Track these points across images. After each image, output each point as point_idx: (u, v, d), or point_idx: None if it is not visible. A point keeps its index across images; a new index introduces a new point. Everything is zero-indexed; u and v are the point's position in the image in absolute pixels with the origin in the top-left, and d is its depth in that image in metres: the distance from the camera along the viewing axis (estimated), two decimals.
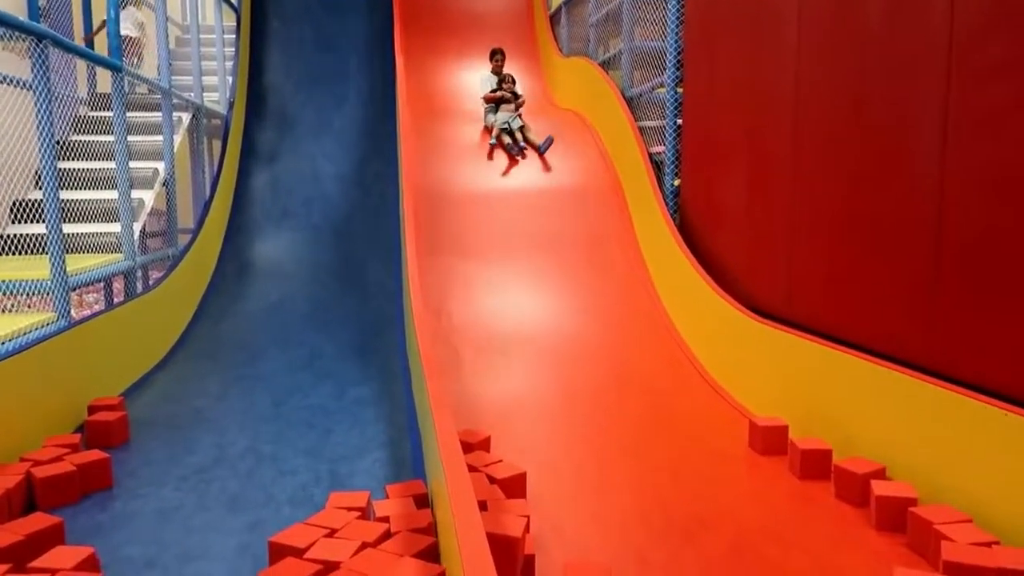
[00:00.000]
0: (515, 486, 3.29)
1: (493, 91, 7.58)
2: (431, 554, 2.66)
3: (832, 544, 2.99)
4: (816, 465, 3.58)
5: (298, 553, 2.64)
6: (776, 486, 3.56)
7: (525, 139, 7.15)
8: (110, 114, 5.82)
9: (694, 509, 3.29)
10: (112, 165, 5.72)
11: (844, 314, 4.17)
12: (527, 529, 2.77)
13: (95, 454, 3.54)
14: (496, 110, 7.44)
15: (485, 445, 3.71)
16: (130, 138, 5.79)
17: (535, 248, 6.29)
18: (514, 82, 7.66)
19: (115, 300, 6.81)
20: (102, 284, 6.79)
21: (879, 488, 3.15)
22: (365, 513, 2.99)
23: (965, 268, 3.37)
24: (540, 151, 7.04)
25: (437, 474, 2.73)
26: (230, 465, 3.82)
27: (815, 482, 3.55)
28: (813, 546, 2.97)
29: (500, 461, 3.42)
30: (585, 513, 3.27)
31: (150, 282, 7.25)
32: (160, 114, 7.01)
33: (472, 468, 3.24)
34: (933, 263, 3.53)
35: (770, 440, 3.83)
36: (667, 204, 6.22)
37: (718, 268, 5.57)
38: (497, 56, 7.89)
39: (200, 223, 7.04)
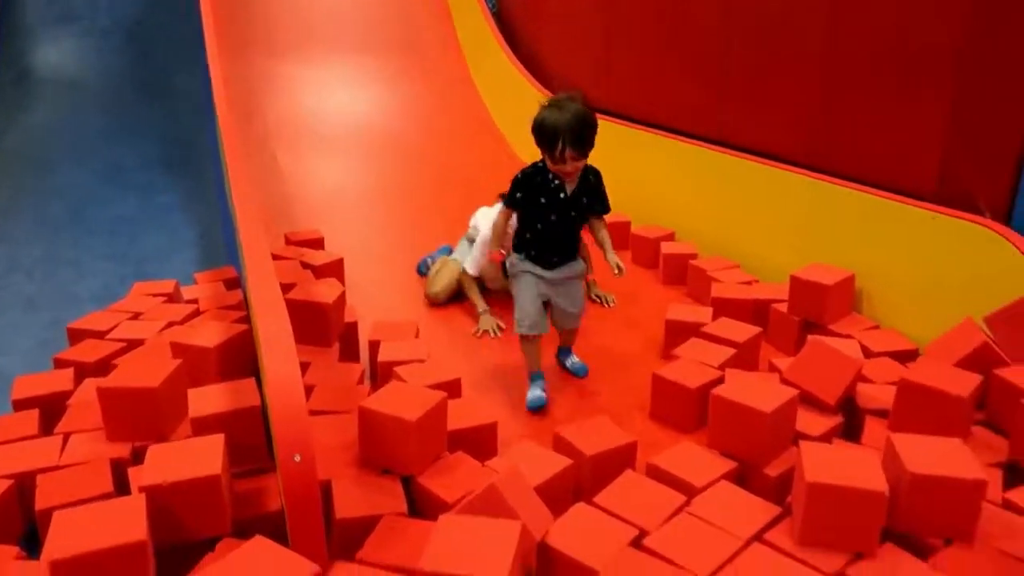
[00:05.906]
0: (332, 271, 3.33)
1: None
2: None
3: (624, 299, 3.31)
4: (617, 235, 3.86)
5: (99, 335, 2.58)
6: None
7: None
8: None
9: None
10: None
11: (651, 101, 4.38)
12: (341, 301, 2.83)
13: None
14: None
15: (315, 244, 3.64)
16: None
17: (353, 50, 5.99)
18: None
19: None
20: None
21: (667, 248, 3.47)
22: (172, 298, 2.94)
23: (745, 66, 3.60)
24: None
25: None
26: (24, 272, 3.58)
27: (615, 251, 3.84)
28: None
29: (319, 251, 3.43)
30: (394, 290, 3.41)
31: None
32: None
33: (285, 257, 3.23)
34: (724, 61, 3.74)
35: None
36: (488, 4, 6.05)
37: (538, 64, 5.59)
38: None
39: None
